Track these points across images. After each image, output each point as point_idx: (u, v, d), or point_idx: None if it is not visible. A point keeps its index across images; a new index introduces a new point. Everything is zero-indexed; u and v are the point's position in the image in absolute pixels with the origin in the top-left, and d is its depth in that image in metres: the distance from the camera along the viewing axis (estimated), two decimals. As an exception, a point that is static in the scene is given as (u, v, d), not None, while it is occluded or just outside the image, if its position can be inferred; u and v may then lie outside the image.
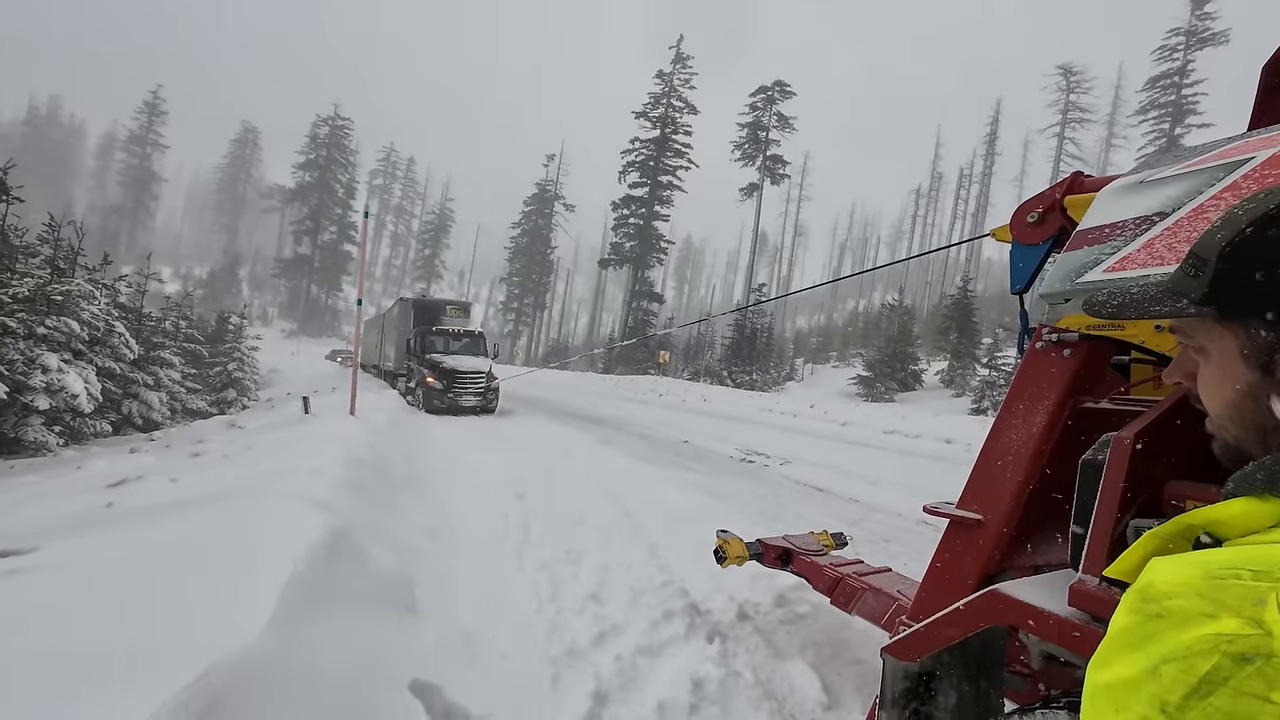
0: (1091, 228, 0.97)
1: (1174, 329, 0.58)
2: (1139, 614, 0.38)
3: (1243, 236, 0.47)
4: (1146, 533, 0.49)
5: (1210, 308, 0.50)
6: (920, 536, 4.31)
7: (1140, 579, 0.40)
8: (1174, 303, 0.54)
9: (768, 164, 42.25)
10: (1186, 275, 0.53)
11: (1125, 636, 0.38)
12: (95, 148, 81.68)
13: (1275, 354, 0.47)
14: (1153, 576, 0.39)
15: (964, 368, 23.83)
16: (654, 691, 2.22)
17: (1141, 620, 0.38)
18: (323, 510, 3.05)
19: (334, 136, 63.86)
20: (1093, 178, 1.51)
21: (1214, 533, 0.45)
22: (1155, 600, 0.38)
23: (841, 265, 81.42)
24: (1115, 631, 0.39)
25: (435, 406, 11.43)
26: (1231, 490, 0.47)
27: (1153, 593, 0.38)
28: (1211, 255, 0.50)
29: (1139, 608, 0.39)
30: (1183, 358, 0.58)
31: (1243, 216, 0.48)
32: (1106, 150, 52.00)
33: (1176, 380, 0.60)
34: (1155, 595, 0.38)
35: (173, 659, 1.47)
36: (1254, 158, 0.83)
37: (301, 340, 52.54)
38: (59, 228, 8.14)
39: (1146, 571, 0.40)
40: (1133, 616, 0.39)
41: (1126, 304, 0.59)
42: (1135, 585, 0.40)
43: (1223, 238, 0.49)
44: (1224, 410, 0.53)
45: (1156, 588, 0.38)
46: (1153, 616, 0.37)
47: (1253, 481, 0.45)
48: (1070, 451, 1.24)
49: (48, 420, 6.86)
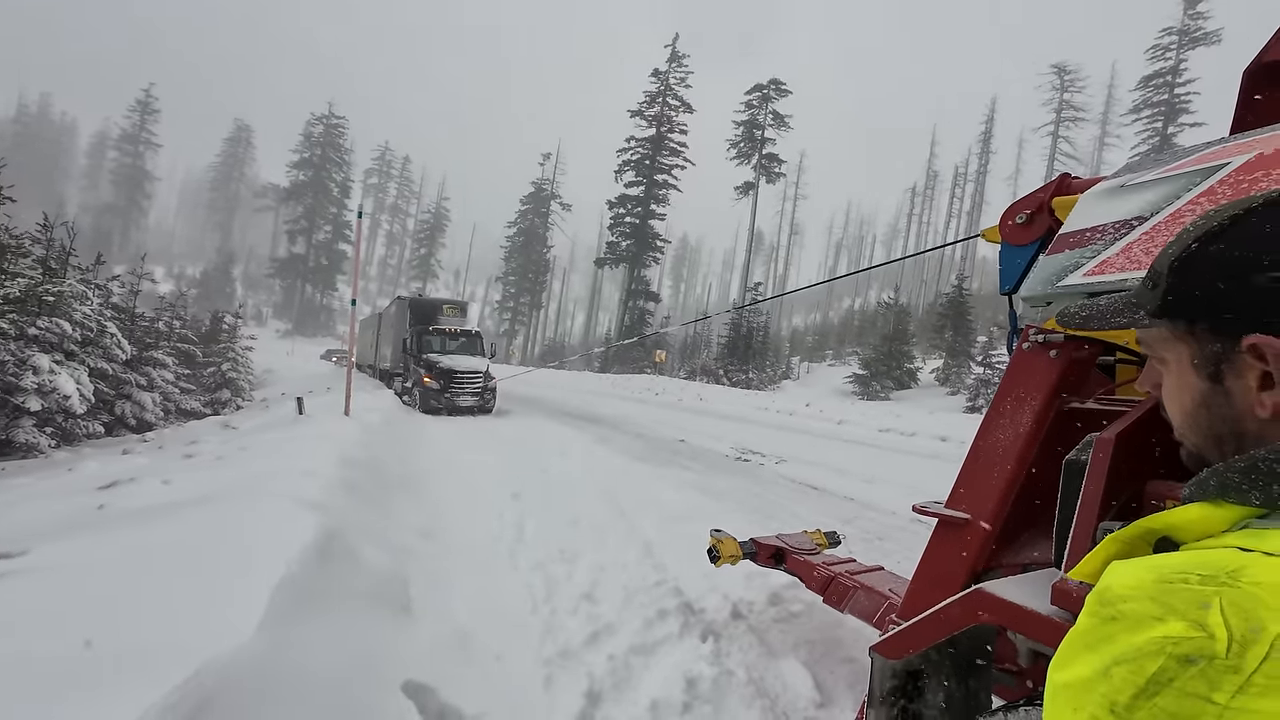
0: (1073, 231, 0.98)
1: (1139, 340, 0.59)
2: (1096, 616, 0.39)
3: (1189, 252, 0.50)
4: (1108, 536, 0.50)
5: (1164, 319, 0.52)
6: (914, 534, 4.33)
7: (1100, 582, 0.41)
8: (1133, 314, 0.56)
9: (763, 162, 42.28)
10: (1145, 288, 0.55)
11: (1083, 638, 0.39)
12: (87, 146, 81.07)
13: (1222, 363, 0.49)
14: (1111, 580, 0.40)
15: (959, 366, 23.95)
16: (647, 690, 2.22)
17: (1098, 622, 0.39)
18: (316, 511, 3.05)
19: (328, 135, 63.57)
20: (1080, 179, 1.53)
21: (1171, 537, 0.46)
22: (1111, 603, 0.39)
23: (837, 264, 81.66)
24: (1074, 633, 0.41)
25: (432, 407, 11.36)
26: (1188, 495, 0.48)
27: (1109, 596, 0.39)
28: (1164, 269, 0.52)
29: (1096, 610, 0.40)
30: (1150, 368, 0.60)
31: (1192, 232, 0.51)
32: (1100, 149, 52.27)
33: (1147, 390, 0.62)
34: (1111, 598, 0.39)
35: (162, 661, 1.46)
36: (1229, 163, 0.84)
37: (296, 340, 52.37)
38: (51, 227, 8.08)
39: (1106, 575, 0.42)
40: (1090, 619, 0.40)
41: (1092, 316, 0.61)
42: (1095, 588, 0.41)
43: (1173, 252, 0.51)
44: (1183, 419, 0.54)
45: (1113, 591, 0.39)
46: (1108, 619, 0.38)
47: (1206, 487, 0.47)
48: (1056, 451, 1.25)
49: (39, 421, 6.82)
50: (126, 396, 8.96)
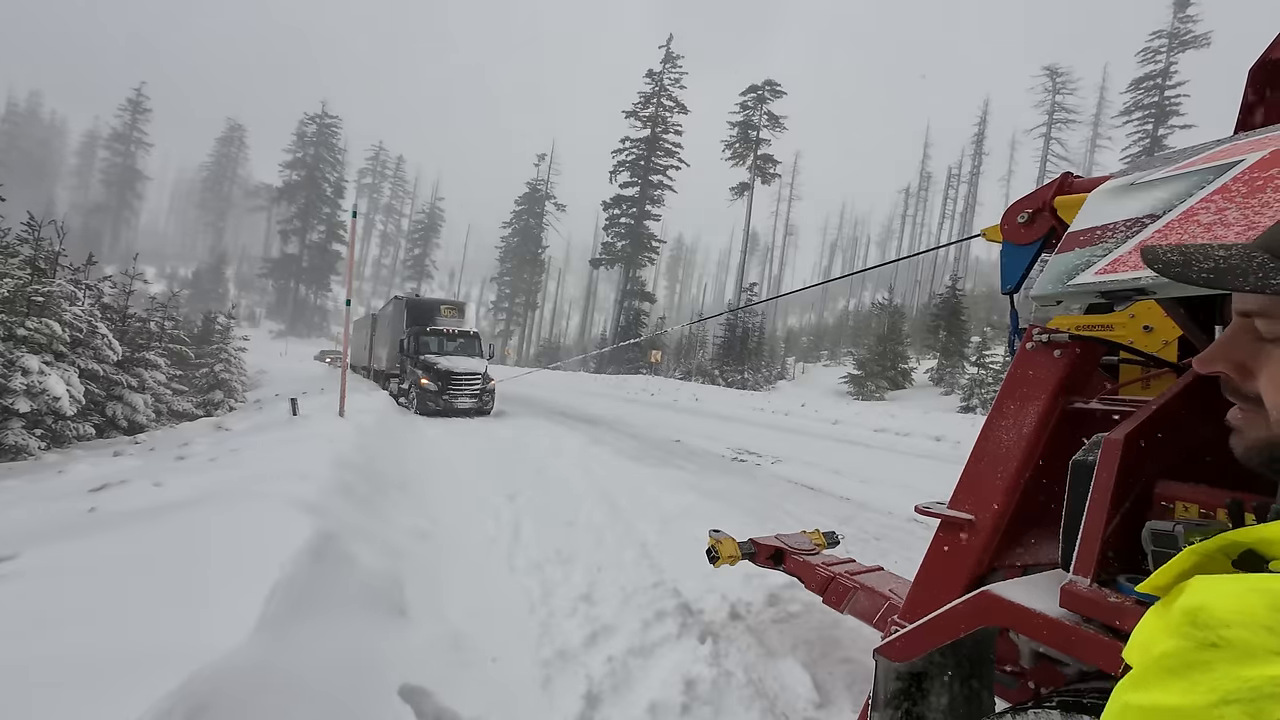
0: (1083, 230, 0.97)
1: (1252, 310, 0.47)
2: (1188, 639, 0.35)
3: None
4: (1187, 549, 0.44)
5: None
6: (911, 534, 4.34)
7: (1187, 599, 0.37)
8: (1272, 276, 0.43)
9: (758, 163, 42.36)
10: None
11: (1170, 660, 0.35)
12: (77, 145, 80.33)
13: None
14: (1205, 600, 0.36)
15: (953, 366, 24.03)
16: (646, 692, 2.21)
17: (1191, 646, 0.34)
18: (310, 513, 3.01)
19: (322, 135, 63.28)
20: (1082, 179, 1.52)
21: (1259, 551, 0.41)
22: (1210, 627, 0.34)
23: (832, 264, 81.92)
24: (1158, 654, 0.36)
25: (430, 409, 11.26)
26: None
27: (1205, 619, 0.35)
28: None
29: (1188, 633, 0.35)
30: (1237, 343, 0.49)
31: None
32: (1092, 150, 52.64)
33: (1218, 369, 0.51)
34: (1209, 622, 0.35)
35: (154, 667, 1.43)
36: (1243, 160, 0.83)
37: (290, 341, 52.08)
38: (39, 227, 7.98)
39: (1194, 593, 0.37)
40: (1181, 641, 0.35)
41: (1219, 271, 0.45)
42: (1181, 605, 0.37)
43: None
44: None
45: (1211, 613, 0.35)
46: (1206, 645, 0.34)
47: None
48: (1060, 452, 1.24)
49: (29, 423, 6.72)
50: (118, 398, 8.86)
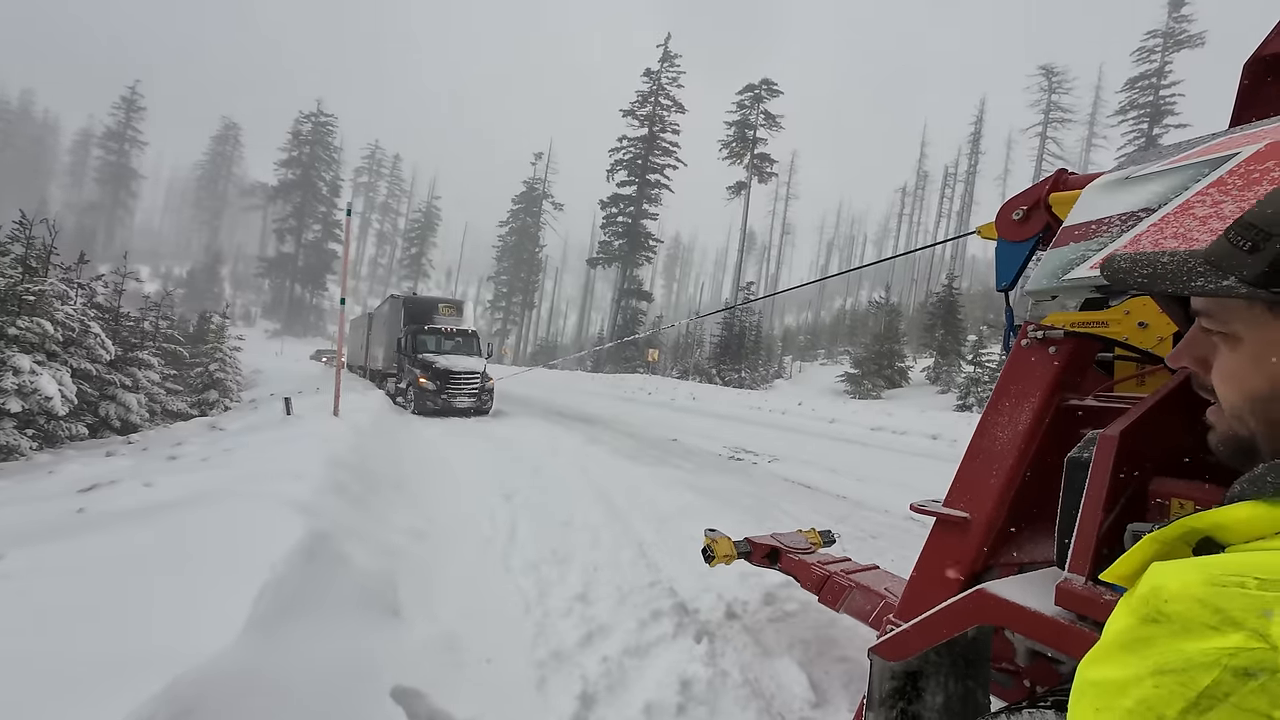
0: (1077, 224, 0.96)
1: (1200, 310, 0.50)
2: (1135, 615, 0.37)
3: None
4: (1146, 536, 0.46)
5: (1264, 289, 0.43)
6: (907, 533, 4.34)
7: (1141, 583, 0.39)
8: (1217, 280, 0.45)
9: (755, 162, 42.35)
10: (1237, 249, 0.45)
11: (1119, 637, 0.37)
12: (70, 144, 79.74)
13: None
14: (1155, 580, 0.38)
15: (949, 364, 24.07)
16: (641, 692, 2.20)
17: (1137, 622, 0.36)
18: (303, 513, 2.99)
19: (317, 133, 62.97)
20: (1077, 175, 1.52)
21: (1216, 537, 0.43)
22: (1153, 604, 0.36)
23: (829, 263, 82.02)
24: (1110, 631, 0.38)
25: (427, 408, 11.19)
26: (1238, 493, 0.44)
27: (1151, 596, 0.37)
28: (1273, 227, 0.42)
29: (1136, 608, 0.37)
30: (1196, 340, 0.52)
31: None
32: (1087, 149, 52.81)
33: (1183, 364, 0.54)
34: (1153, 599, 0.37)
35: (139, 669, 1.41)
36: (1238, 153, 0.82)
37: (285, 340, 51.77)
38: (30, 225, 7.92)
39: (1148, 576, 0.39)
40: (1129, 617, 0.37)
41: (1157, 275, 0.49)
42: (1135, 589, 0.39)
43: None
44: (1245, 403, 0.48)
45: (1155, 591, 0.37)
46: (1149, 620, 0.36)
47: (1262, 485, 0.43)
48: (1055, 449, 1.23)
49: (20, 423, 6.68)
50: (111, 398, 8.79)
